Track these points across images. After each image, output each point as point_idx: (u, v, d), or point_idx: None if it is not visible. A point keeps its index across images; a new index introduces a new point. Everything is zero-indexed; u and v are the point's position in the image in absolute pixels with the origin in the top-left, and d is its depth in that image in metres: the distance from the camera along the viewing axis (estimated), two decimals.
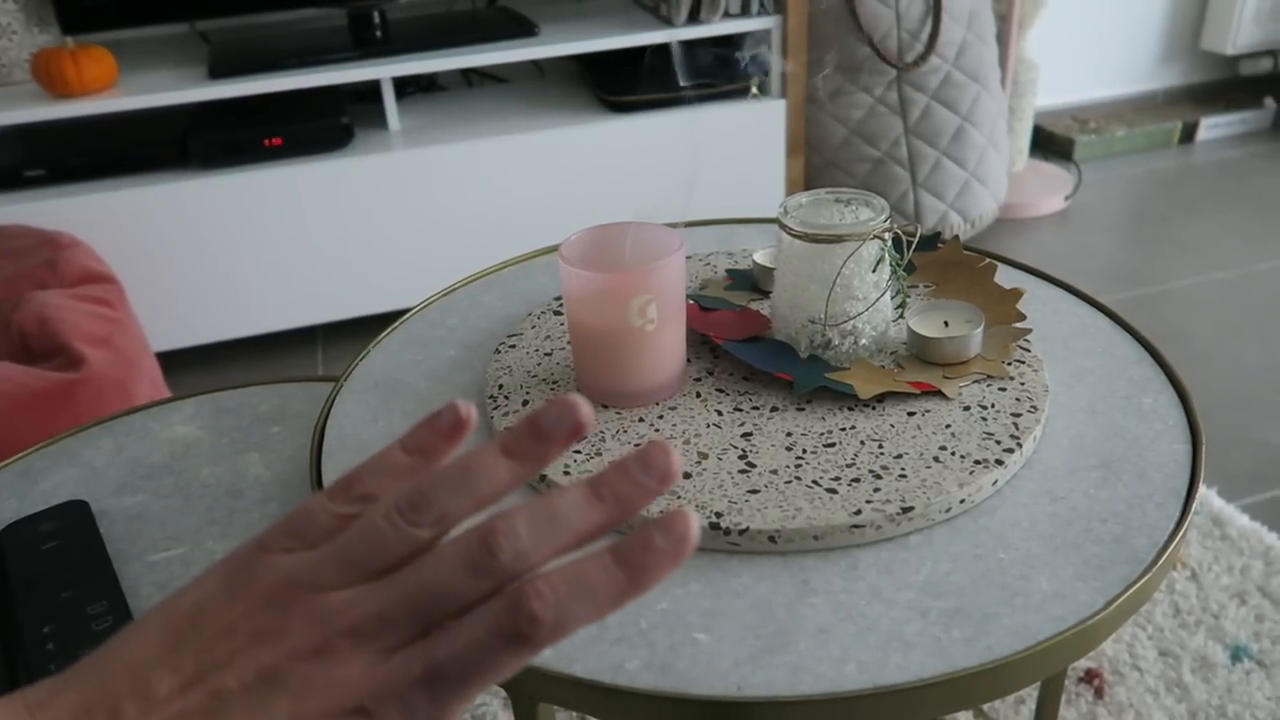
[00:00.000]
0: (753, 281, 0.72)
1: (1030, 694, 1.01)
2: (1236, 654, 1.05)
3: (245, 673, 0.31)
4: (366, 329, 1.70)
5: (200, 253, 1.61)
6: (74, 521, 0.60)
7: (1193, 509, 0.51)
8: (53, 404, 1.10)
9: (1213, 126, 2.47)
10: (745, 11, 1.72)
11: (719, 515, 0.50)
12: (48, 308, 1.22)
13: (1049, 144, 2.44)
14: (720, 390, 0.60)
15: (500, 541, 0.31)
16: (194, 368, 1.69)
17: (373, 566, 0.32)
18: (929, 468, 0.52)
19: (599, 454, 0.55)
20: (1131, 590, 0.46)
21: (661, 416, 0.58)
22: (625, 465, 0.33)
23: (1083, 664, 1.04)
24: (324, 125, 1.63)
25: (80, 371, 1.14)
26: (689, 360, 0.62)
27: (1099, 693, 1.01)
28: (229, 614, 0.32)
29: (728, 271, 0.74)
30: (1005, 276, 0.72)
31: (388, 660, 0.31)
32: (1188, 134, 2.46)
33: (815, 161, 1.90)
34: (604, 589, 0.31)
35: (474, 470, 0.34)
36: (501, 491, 0.34)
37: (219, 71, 1.58)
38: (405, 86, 1.92)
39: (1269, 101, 2.50)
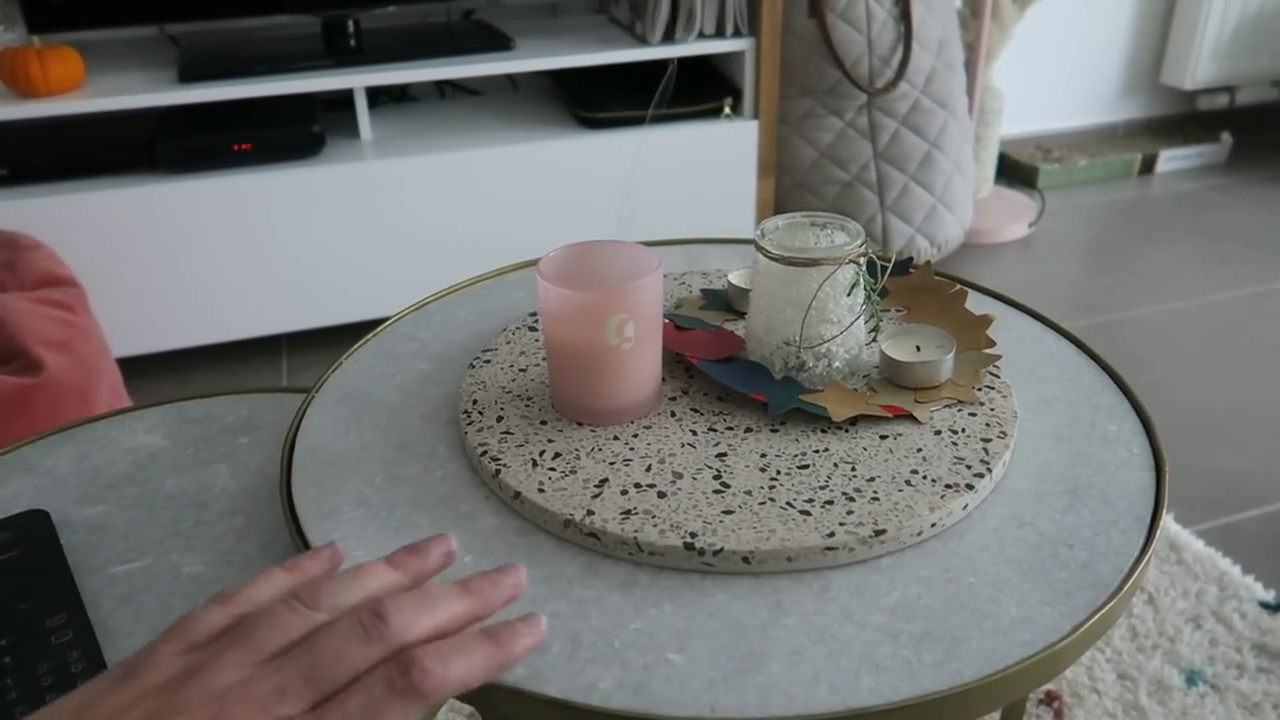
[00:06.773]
0: (727, 302, 0.72)
1: (992, 716, 1.02)
2: (1191, 678, 1.07)
3: None
4: (333, 339, 1.69)
5: (165, 258, 1.58)
6: (33, 531, 0.59)
7: (1156, 536, 0.52)
8: (9, 410, 1.07)
9: (1171, 159, 2.53)
10: (720, 33, 1.73)
11: (693, 535, 0.50)
12: (5, 310, 1.19)
13: (1013, 171, 2.48)
14: (695, 410, 0.60)
15: (390, 610, 0.36)
16: (156, 375, 1.66)
17: (269, 647, 0.35)
18: (901, 491, 0.53)
19: (573, 471, 0.54)
20: (1097, 616, 0.47)
21: (636, 435, 0.58)
22: (488, 573, 0.42)
23: (1043, 686, 1.05)
24: (295, 132, 1.62)
25: (38, 376, 1.12)
26: (664, 379, 0.62)
27: (1059, 715, 1.03)
28: (118, 700, 0.32)
29: (702, 291, 0.74)
30: (974, 302, 0.73)
31: None
32: (1147, 165, 2.52)
33: (785, 183, 1.92)
34: (478, 653, 0.37)
35: (364, 572, 0.40)
36: (387, 589, 0.40)
37: (189, 75, 1.56)
38: (378, 96, 1.91)
39: (1225, 136, 2.57)
